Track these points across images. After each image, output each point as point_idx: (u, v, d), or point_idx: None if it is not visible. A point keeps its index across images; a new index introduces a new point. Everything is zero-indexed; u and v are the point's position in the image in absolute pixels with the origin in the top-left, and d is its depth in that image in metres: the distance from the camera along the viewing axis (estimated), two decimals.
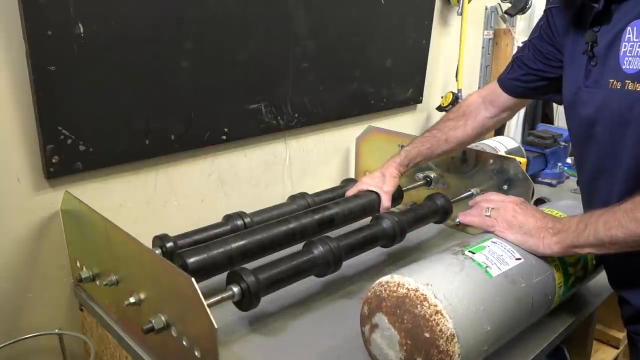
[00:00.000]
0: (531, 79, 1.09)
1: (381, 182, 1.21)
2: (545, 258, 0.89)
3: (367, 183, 1.23)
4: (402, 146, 1.43)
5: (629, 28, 0.80)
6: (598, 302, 1.09)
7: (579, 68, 0.89)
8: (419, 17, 1.70)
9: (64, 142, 1.04)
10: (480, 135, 1.25)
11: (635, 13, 0.79)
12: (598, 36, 0.85)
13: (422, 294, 0.75)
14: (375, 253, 1.20)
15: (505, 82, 1.15)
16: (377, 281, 0.83)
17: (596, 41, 0.85)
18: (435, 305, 0.74)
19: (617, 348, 1.71)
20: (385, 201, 1.20)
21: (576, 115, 0.91)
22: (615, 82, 0.81)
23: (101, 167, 1.13)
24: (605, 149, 0.86)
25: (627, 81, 0.79)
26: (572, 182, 1.76)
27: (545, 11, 1.03)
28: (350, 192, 1.24)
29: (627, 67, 0.79)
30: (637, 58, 0.78)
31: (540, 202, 1.38)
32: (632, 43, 0.79)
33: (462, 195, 1.29)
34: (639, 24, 0.79)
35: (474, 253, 0.86)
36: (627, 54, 0.80)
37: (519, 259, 0.87)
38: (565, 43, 0.96)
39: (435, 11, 1.77)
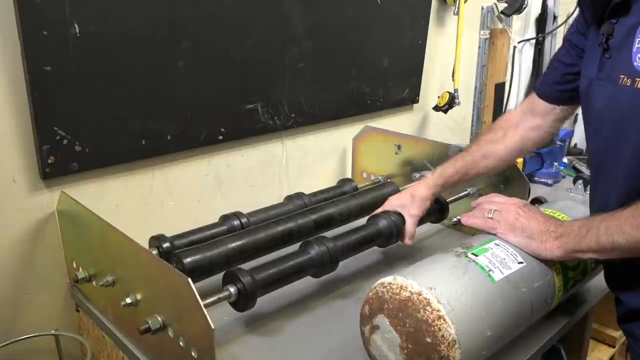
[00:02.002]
0: (567, 80, 1.01)
1: (409, 202, 1.11)
2: (546, 262, 0.89)
3: (392, 204, 1.13)
4: (399, 146, 1.44)
5: None
6: (594, 301, 1.09)
7: (594, 60, 0.87)
8: (415, 17, 1.70)
9: (60, 142, 1.04)
10: (522, 150, 1.13)
11: None
12: (615, 28, 0.82)
13: (425, 298, 0.75)
14: (371, 253, 1.20)
15: (541, 87, 1.08)
16: (379, 281, 0.82)
17: (612, 33, 0.83)
18: (438, 311, 0.74)
19: (614, 347, 1.72)
20: (409, 226, 1.11)
21: (589, 108, 0.89)
22: (625, 79, 0.79)
23: (97, 168, 1.13)
24: (607, 145, 0.85)
25: (637, 79, 0.77)
26: (568, 182, 1.77)
27: (578, 3, 0.99)
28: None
29: (639, 64, 0.77)
30: None
31: (536, 201, 1.38)
32: None
33: (459, 195, 1.29)
34: None
35: (477, 255, 0.85)
36: None
37: (521, 262, 0.87)
38: (589, 35, 0.93)
39: (432, 11, 1.77)
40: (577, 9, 1.01)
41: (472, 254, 0.86)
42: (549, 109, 1.07)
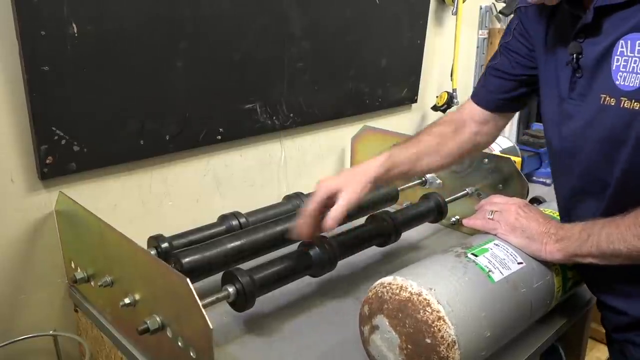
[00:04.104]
0: (510, 87, 1.02)
1: (346, 185, 0.89)
2: (546, 262, 0.89)
3: (327, 186, 0.90)
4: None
5: (621, 41, 0.76)
6: (593, 301, 1.09)
7: (563, 79, 0.86)
8: (413, 16, 1.70)
9: (58, 142, 1.04)
10: (469, 152, 1.09)
11: (629, 26, 0.75)
12: (583, 47, 0.82)
13: (425, 299, 0.75)
14: (370, 252, 1.20)
15: (479, 95, 1.07)
16: (379, 281, 0.82)
17: (581, 52, 0.82)
18: (438, 311, 0.74)
19: None
20: (338, 210, 0.86)
21: (562, 128, 0.87)
22: (608, 98, 0.78)
23: (96, 168, 1.12)
24: (592, 166, 0.84)
25: (622, 98, 0.76)
26: None
27: (516, 11, 0.99)
28: (307, 209, 0.90)
29: (622, 83, 0.76)
30: (633, 74, 0.75)
31: (535, 201, 1.38)
32: (627, 58, 0.76)
33: (457, 195, 1.30)
34: (634, 38, 0.75)
35: (476, 256, 0.85)
36: (621, 69, 0.76)
37: (521, 263, 0.87)
38: (539, 48, 0.92)
39: (430, 11, 1.77)
40: (514, 17, 1.01)
41: (472, 254, 0.85)
42: (488, 118, 1.07)
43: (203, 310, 0.71)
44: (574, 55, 0.83)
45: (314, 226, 0.91)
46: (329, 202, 0.89)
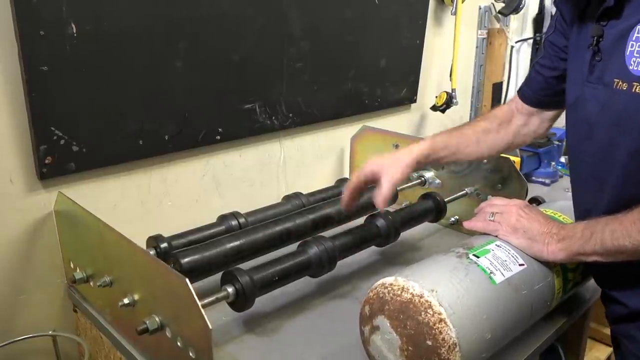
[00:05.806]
0: (550, 84, 1.03)
1: (390, 166, 0.97)
2: (547, 264, 0.89)
3: (372, 168, 0.98)
4: (397, 145, 1.44)
5: (638, 27, 0.76)
6: (592, 300, 1.09)
7: (583, 62, 0.86)
8: (412, 16, 1.70)
9: (57, 142, 1.04)
10: (511, 145, 1.13)
11: None
12: (605, 30, 0.82)
13: (427, 301, 0.75)
14: (369, 252, 1.20)
15: (524, 91, 1.09)
16: (380, 282, 0.82)
17: (602, 35, 0.82)
18: (440, 314, 0.74)
19: (611, 346, 1.72)
20: (386, 189, 0.94)
21: (579, 112, 0.88)
22: (621, 83, 0.78)
23: (95, 168, 1.12)
24: (602, 151, 0.84)
25: (634, 83, 0.76)
26: (565, 181, 1.77)
27: (554, 3, 1.00)
28: (351, 182, 1.02)
29: (635, 68, 0.76)
30: None
31: (534, 201, 1.38)
32: None
33: (456, 195, 1.29)
34: None
35: (478, 257, 0.85)
36: (635, 54, 0.76)
37: (522, 264, 0.86)
38: (570, 35, 0.93)
39: (429, 11, 1.77)
40: (556, 10, 1.01)
41: (474, 255, 0.85)
42: (534, 111, 1.09)
43: (202, 310, 0.71)
44: (595, 38, 0.83)
45: (354, 198, 1.03)
46: (372, 180, 0.99)
